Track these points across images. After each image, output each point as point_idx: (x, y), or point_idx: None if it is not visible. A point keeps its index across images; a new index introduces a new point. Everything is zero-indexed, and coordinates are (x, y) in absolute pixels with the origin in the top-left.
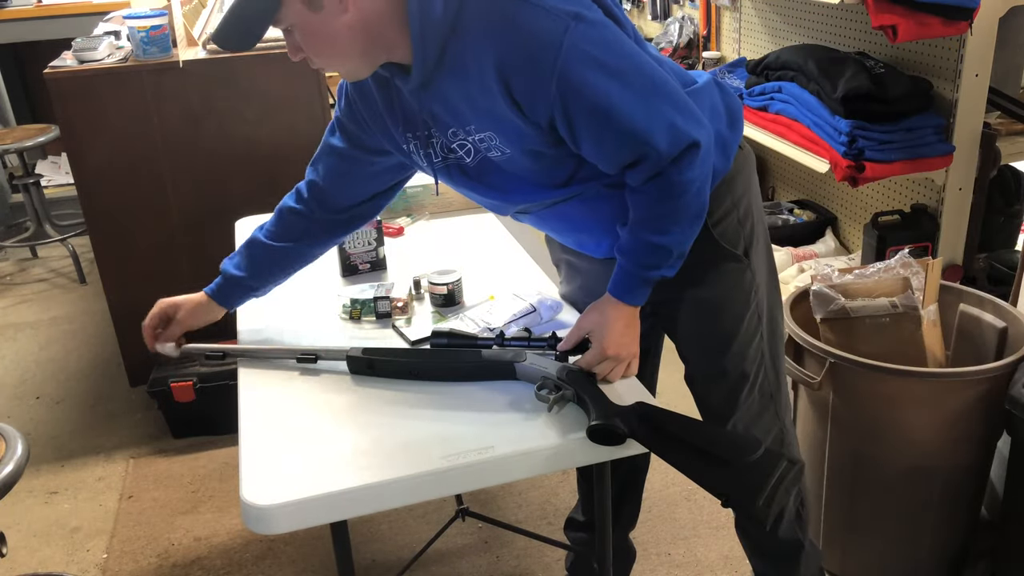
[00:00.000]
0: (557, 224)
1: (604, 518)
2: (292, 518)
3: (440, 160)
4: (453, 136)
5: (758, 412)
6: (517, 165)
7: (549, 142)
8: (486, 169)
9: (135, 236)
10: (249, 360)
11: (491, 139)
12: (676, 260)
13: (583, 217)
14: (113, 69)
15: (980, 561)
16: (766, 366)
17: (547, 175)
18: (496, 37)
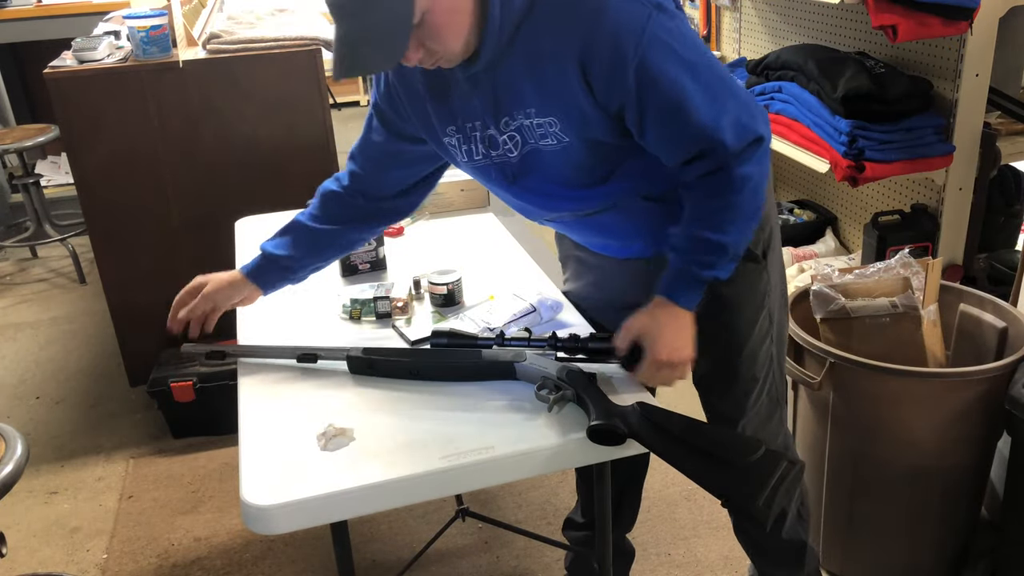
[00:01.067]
0: (586, 231)
1: (604, 518)
2: (292, 518)
3: (481, 157)
4: (505, 125)
5: (766, 416)
6: (568, 159)
7: (613, 131)
8: (530, 167)
9: (135, 236)
10: (249, 360)
11: (551, 125)
12: (730, 261)
13: (616, 225)
14: (113, 69)
15: (980, 561)
16: (774, 370)
17: (591, 173)
18: (579, 20)
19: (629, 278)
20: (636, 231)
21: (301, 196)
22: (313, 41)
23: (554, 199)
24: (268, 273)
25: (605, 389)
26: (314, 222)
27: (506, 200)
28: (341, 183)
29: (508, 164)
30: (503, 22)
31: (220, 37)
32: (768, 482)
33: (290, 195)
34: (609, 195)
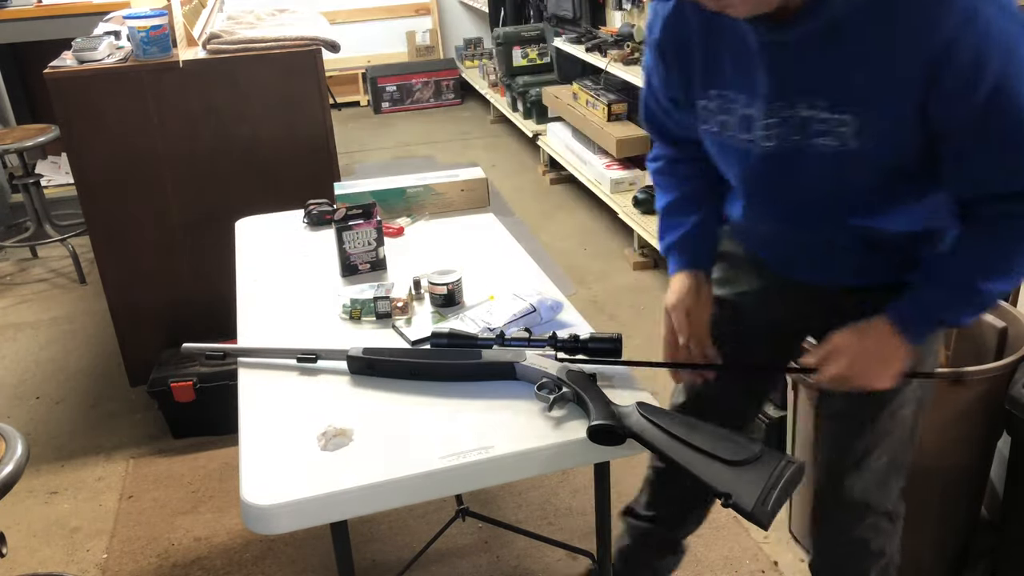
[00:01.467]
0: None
1: (604, 518)
2: (292, 518)
3: (730, 135)
4: (777, 110)
5: (882, 478)
6: (832, 167)
7: (915, 149)
8: (782, 164)
9: (135, 236)
10: (249, 360)
11: (841, 124)
12: (978, 310)
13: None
14: (113, 69)
15: (980, 561)
16: (905, 435)
17: (839, 194)
18: (947, 16)
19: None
20: (824, 261)
21: (301, 196)
22: (313, 41)
23: (778, 204)
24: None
25: (605, 389)
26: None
27: (734, 180)
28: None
29: (754, 153)
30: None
31: (220, 37)
32: (768, 481)
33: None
34: (835, 216)
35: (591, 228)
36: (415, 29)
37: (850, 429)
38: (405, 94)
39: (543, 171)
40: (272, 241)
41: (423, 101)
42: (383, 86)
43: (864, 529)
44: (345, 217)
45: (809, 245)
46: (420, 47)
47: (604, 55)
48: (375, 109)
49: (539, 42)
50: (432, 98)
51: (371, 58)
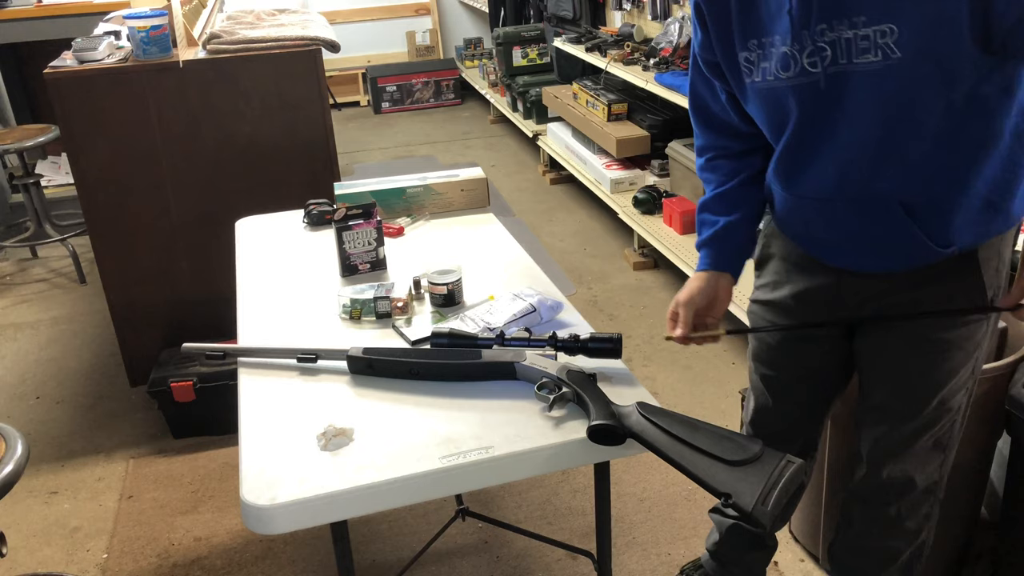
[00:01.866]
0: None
1: (604, 518)
2: (292, 518)
3: (772, 78)
4: (819, 35)
5: (924, 459)
6: (883, 87)
7: (969, 42)
8: (835, 94)
9: (135, 236)
10: (249, 360)
11: (883, 34)
12: None
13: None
14: (113, 69)
15: (980, 561)
16: (955, 420)
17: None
18: None
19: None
20: (867, 243)
21: (301, 196)
22: (313, 41)
23: (825, 147)
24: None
25: (605, 389)
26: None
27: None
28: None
29: (799, 91)
30: None
31: (220, 37)
32: (768, 481)
33: (290, 195)
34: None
35: (591, 228)
36: (415, 29)
37: (896, 419)
38: (405, 94)
39: (543, 171)
40: (272, 241)
41: (423, 101)
42: (383, 86)
43: (903, 505)
44: (345, 217)
45: (855, 224)
46: (420, 47)
47: (604, 55)
48: (375, 109)
49: (539, 42)
50: (432, 98)
51: (371, 58)
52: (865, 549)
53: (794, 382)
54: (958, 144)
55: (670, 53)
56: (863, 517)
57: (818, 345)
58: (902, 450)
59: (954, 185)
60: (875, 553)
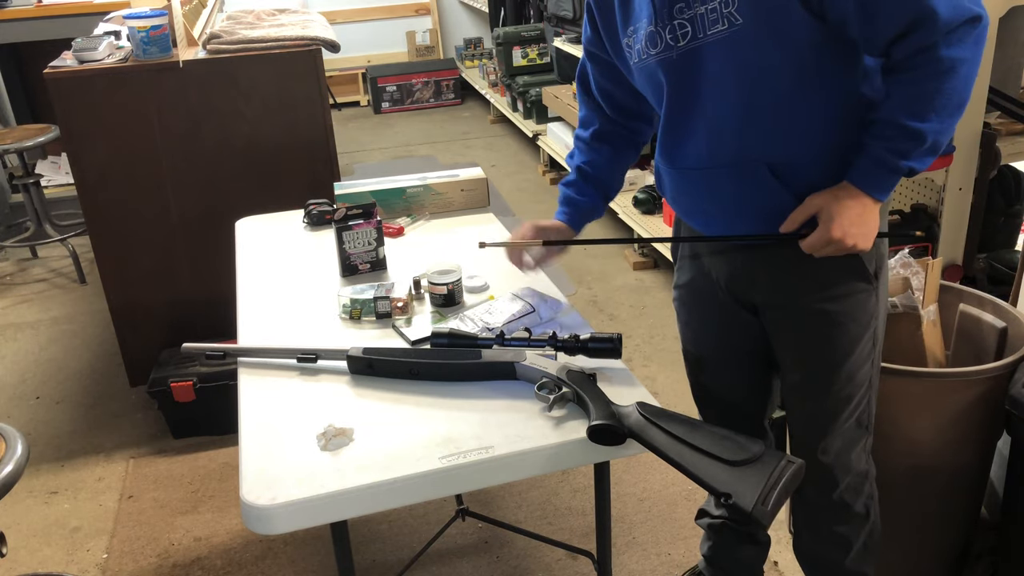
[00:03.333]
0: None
1: (604, 518)
2: (292, 518)
3: (644, 57)
4: (679, 12)
5: (851, 440)
6: (733, 54)
7: (799, 6)
8: (689, 65)
9: (135, 236)
10: (249, 360)
11: (726, 4)
12: (927, 153)
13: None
14: (113, 69)
15: (980, 561)
16: (868, 397)
17: (747, 83)
18: None
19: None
20: (742, 208)
21: (301, 196)
22: (313, 41)
23: (697, 117)
24: (581, 220)
25: (605, 389)
26: (595, 168)
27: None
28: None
29: (666, 63)
30: None
31: (220, 37)
32: (768, 481)
33: (290, 195)
34: (746, 141)
35: (591, 228)
36: (415, 29)
37: (812, 397)
38: (405, 94)
39: (543, 171)
40: (272, 241)
41: (423, 101)
42: (383, 86)
43: (845, 491)
44: (345, 217)
45: (723, 191)
46: (420, 47)
47: None
48: (375, 109)
49: (539, 42)
50: (432, 98)
51: (371, 58)
52: (823, 540)
53: (724, 356)
54: (812, 107)
55: None
56: (813, 506)
57: (724, 318)
58: (826, 429)
59: (812, 145)
60: (833, 542)
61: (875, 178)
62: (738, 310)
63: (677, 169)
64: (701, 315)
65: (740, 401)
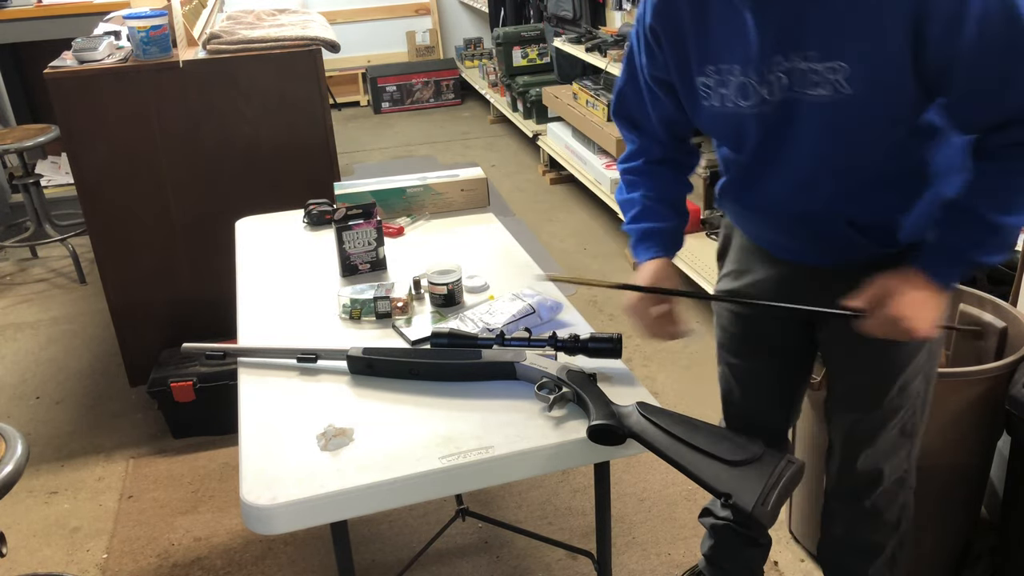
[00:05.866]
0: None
1: (604, 518)
2: (292, 518)
3: (732, 105)
4: (775, 65)
5: (892, 449)
6: (832, 118)
7: (911, 86)
8: (785, 119)
9: (135, 236)
10: (249, 360)
11: (833, 71)
12: (1000, 249)
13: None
14: (113, 69)
15: (980, 561)
16: (916, 407)
17: (844, 147)
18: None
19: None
20: (816, 244)
21: (301, 196)
22: (313, 41)
23: (780, 167)
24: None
25: (605, 389)
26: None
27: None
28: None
29: (754, 116)
30: None
31: (220, 37)
32: (768, 482)
33: (290, 195)
34: (828, 196)
35: (591, 228)
36: (415, 29)
37: (862, 409)
38: (405, 94)
39: (543, 171)
40: (272, 241)
41: (423, 101)
42: (383, 86)
43: (878, 498)
44: (345, 217)
45: (804, 232)
46: (420, 47)
47: (604, 55)
48: (375, 109)
49: (539, 42)
50: (432, 98)
51: (371, 58)
52: (849, 545)
53: (759, 370)
54: (900, 169)
55: None
56: (843, 513)
57: (776, 328)
58: (871, 440)
59: (895, 204)
60: (859, 548)
61: (946, 269)
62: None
63: (745, 207)
64: (748, 322)
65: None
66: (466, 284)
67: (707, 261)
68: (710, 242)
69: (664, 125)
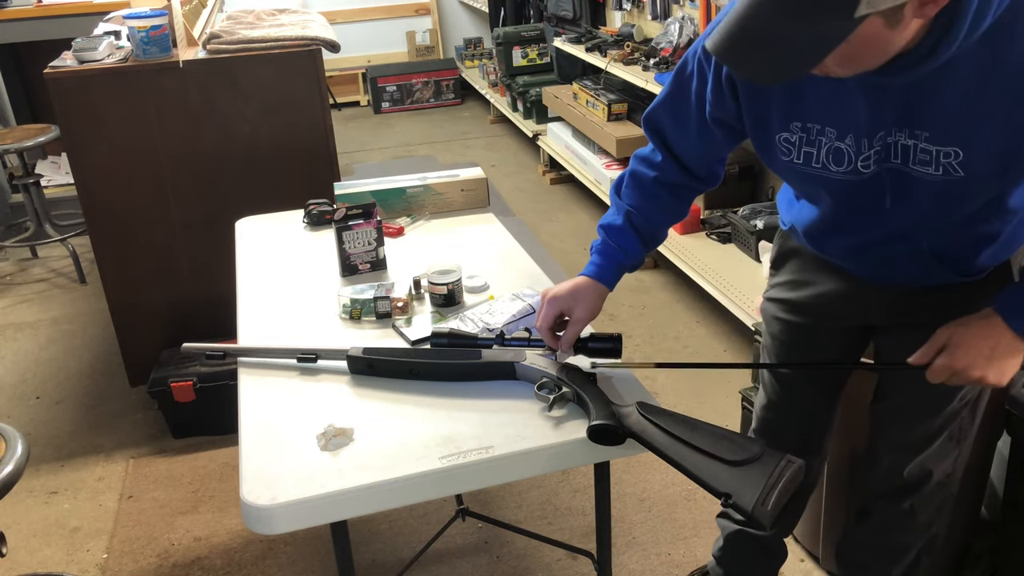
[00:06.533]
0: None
1: (604, 518)
2: (292, 518)
3: (820, 167)
4: (878, 140)
5: (940, 455)
6: (938, 192)
7: None
8: (884, 188)
9: (135, 236)
10: (249, 360)
11: (947, 155)
12: None
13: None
14: (113, 69)
15: (980, 561)
16: (965, 413)
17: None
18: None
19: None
20: (895, 270)
21: (301, 196)
22: (313, 41)
23: (868, 219)
24: (619, 274)
25: (605, 389)
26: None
27: (815, 202)
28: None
29: (851, 182)
30: (971, 27)
31: (220, 37)
32: (768, 482)
33: (290, 195)
34: (917, 241)
35: (591, 228)
36: (415, 29)
37: (918, 418)
38: (405, 94)
39: (543, 171)
40: (272, 241)
41: (423, 101)
42: (383, 86)
43: (917, 500)
44: (345, 217)
45: (883, 261)
46: (420, 47)
47: (604, 55)
48: (375, 109)
49: (539, 42)
50: (432, 98)
51: (371, 58)
52: (878, 545)
53: (804, 379)
54: (987, 221)
55: (670, 53)
56: (880, 514)
57: (831, 339)
58: (924, 446)
59: (984, 242)
60: (887, 549)
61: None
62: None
63: (820, 246)
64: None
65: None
66: (466, 284)
67: (707, 261)
68: (710, 242)
69: (701, 156)
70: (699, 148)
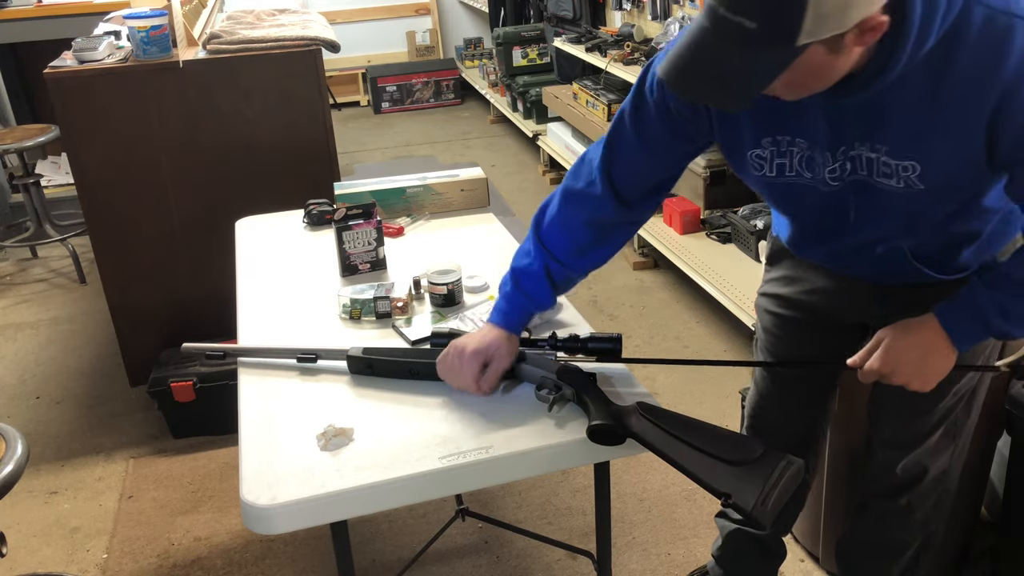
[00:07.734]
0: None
1: (604, 518)
2: (292, 518)
3: (794, 175)
4: (841, 154)
5: (935, 450)
6: (900, 202)
7: (981, 182)
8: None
9: (135, 236)
10: (249, 360)
11: (905, 169)
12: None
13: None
14: (113, 69)
15: (980, 561)
16: (960, 407)
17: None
18: (1010, 57)
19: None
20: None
21: (301, 196)
22: (313, 41)
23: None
24: (526, 320)
25: (605, 389)
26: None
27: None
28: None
29: (819, 190)
30: (915, 48)
31: (220, 37)
32: (768, 482)
33: (290, 195)
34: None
35: None
36: (415, 29)
37: (913, 416)
38: (405, 94)
39: (543, 171)
40: (272, 241)
41: (423, 101)
42: (383, 86)
43: (912, 496)
44: (345, 217)
45: (865, 262)
46: (420, 47)
47: (604, 55)
48: (375, 109)
49: (539, 42)
50: (432, 98)
51: (371, 58)
52: (876, 543)
53: (796, 375)
54: (966, 221)
55: None
56: (877, 510)
57: (823, 334)
58: (919, 442)
59: (962, 244)
60: (885, 546)
61: (965, 325)
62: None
63: (803, 253)
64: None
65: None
66: (466, 284)
67: (707, 261)
68: (710, 242)
69: (649, 192)
70: (652, 186)
